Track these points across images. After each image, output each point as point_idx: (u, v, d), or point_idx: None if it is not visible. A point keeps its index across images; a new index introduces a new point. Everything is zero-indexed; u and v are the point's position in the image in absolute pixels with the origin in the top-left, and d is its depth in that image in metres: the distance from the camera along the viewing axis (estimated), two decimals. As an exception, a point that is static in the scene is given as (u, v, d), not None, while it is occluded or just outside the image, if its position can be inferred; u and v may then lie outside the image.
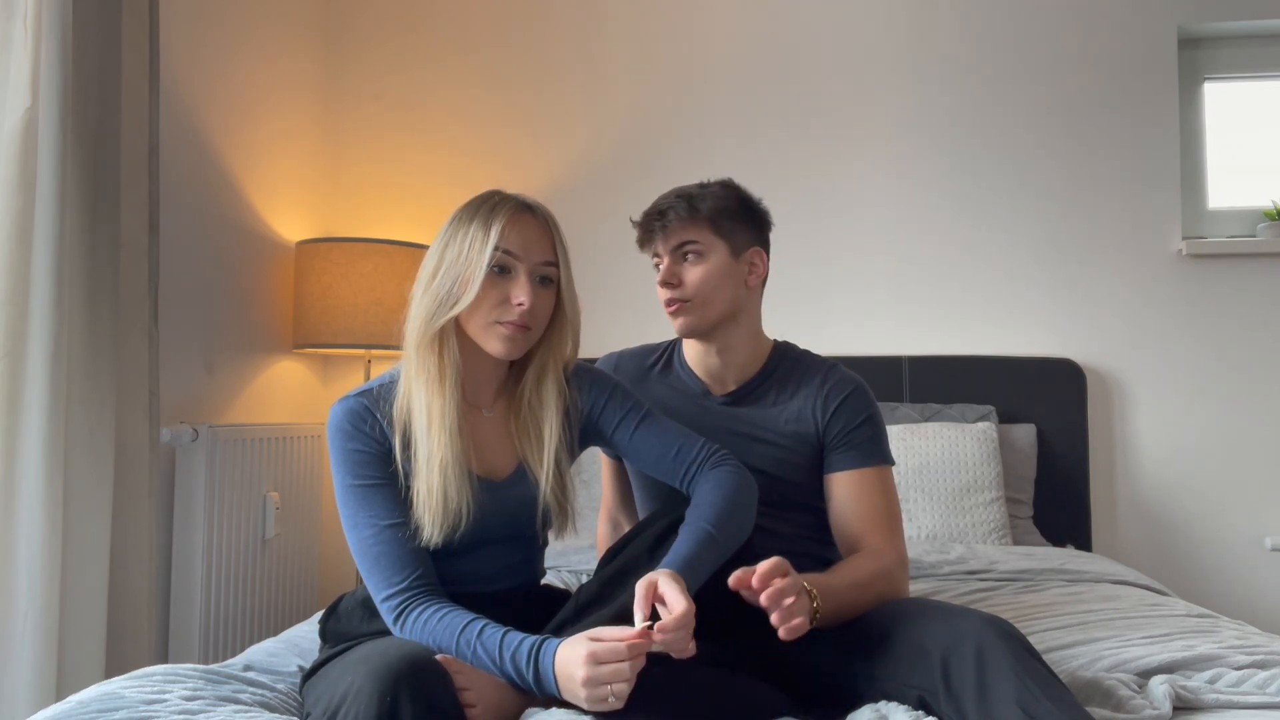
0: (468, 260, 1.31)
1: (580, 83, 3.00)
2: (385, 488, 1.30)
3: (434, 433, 1.29)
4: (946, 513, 2.42)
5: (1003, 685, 1.11)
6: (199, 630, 2.27)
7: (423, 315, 1.33)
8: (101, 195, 1.91)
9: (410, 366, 1.34)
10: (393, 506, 1.29)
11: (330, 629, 1.40)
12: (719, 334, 1.58)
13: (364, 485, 1.30)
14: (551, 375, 1.40)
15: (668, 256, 1.57)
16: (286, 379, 2.85)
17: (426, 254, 1.37)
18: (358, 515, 1.30)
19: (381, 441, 1.32)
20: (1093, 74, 2.83)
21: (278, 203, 2.81)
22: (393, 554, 1.27)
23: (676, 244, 1.56)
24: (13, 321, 1.76)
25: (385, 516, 1.29)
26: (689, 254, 1.56)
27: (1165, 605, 1.77)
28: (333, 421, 1.33)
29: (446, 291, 1.31)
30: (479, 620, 1.22)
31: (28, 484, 1.76)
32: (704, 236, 1.55)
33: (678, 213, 1.55)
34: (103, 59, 1.92)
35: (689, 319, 1.56)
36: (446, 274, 1.32)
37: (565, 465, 1.42)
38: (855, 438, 1.54)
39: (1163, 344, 2.77)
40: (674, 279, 1.55)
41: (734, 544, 1.34)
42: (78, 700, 1.20)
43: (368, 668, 1.09)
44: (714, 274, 1.55)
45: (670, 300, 1.56)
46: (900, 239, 2.87)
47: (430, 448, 1.29)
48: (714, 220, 1.56)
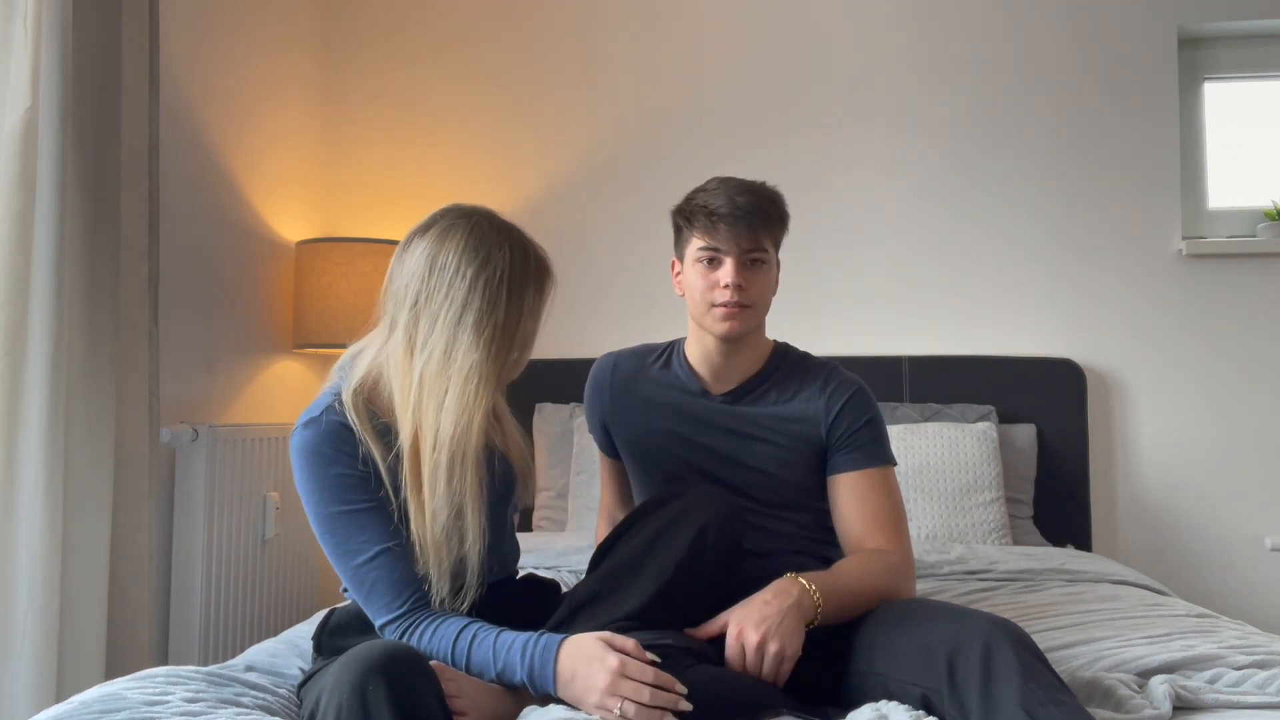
0: (524, 333, 1.28)
1: (580, 83, 3.00)
2: (374, 510, 1.24)
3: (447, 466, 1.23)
4: (946, 513, 2.42)
5: (1008, 687, 1.11)
6: (199, 630, 2.27)
7: (478, 359, 1.23)
8: (101, 195, 1.91)
9: (424, 390, 1.24)
10: (384, 529, 1.23)
11: (324, 643, 1.38)
12: (744, 337, 1.57)
13: (351, 510, 1.24)
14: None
15: (735, 258, 1.49)
16: (286, 379, 2.85)
17: (468, 278, 1.25)
18: (348, 543, 1.24)
19: (366, 462, 1.25)
20: (1093, 74, 2.83)
21: (278, 203, 2.81)
22: (389, 580, 1.23)
23: (752, 247, 1.50)
24: (13, 321, 1.76)
25: (379, 541, 1.23)
26: (756, 259, 1.51)
27: (1165, 605, 1.77)
28: (306, 446, 1.25)
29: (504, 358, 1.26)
30: (471, 625, 1.21)
31: (28, 484, 1.76)
32: (771, 244, 1.54)
33: (764, 216, 1.50)
34: (103, 59, 1.92)
35: (743, 325, 1.52)
36: (505, 337, 1.25)
37: (504, 409, 1.38)
38: (858, 439, 1.54)
39: (1163, 344, 2.77)
40: (745, 283, 1.50)
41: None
42: (80, 701, 1.20)
43: (347, 661, 1.09)
44: (773, 284, 1.57)
45: (735, 303, 1.49)
46: (900, 239, 2.86)
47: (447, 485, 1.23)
48: (782, 228, 1.55)
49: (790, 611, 1.28)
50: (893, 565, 1.44)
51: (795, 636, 1.26)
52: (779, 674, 1.26)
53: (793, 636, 1.26)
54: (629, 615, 1.27)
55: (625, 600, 1.28)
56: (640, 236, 2.80)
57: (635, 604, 1.28)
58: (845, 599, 1.34)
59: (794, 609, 1.28)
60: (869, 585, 1.38)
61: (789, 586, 1.31)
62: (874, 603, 1.37)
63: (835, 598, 1.32)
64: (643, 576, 1.29)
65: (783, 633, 1.25)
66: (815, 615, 1.30)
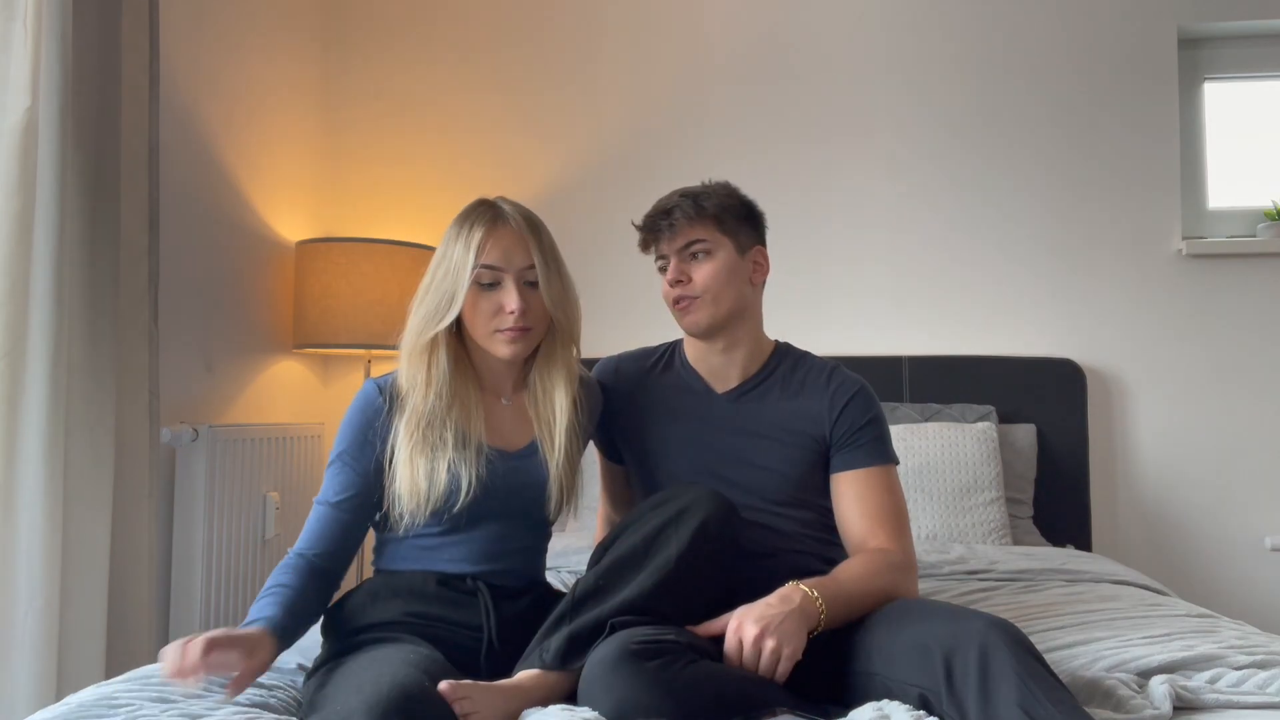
0: (454, 278, 1.41)
1: (580, 83, 3.00)
2: (351, 471, 1.41)
3: (412, 429, 1.40)
4: (946, 513, 2.42)
5: (1005, 687, 1.11)
6: (199, 630, 2.26)
7: (416, 326, 1.43)
8: (101, 195, 1.91)
9: (402, 375, 1.43)
10: (344, 488, 1.41)
11: (329, 626, 1.41)
12: (725, 332, 1.59)
13: (340, 458, 1.42)
14: (560, 361, 1.48)
15: (675, 256, 1.57)
16: (286, 379, 2.85)
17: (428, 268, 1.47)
18: (325, 483, 1.43)
19: (376, 438, 1.41)
20: (1093, 74, 2.83)
21: (278, 203, 2.81)
22: (318, 526, 1.40)
23: (684, 243, 1.56)
24: (13, 321, 1.76)
25: (335, 493, 1.41)
26: (697, 252, 1.56)
27: (1165, 605, 1.77)
28: (360, 393, 1.46)
29: (434, 307, 1.42)
30: (278, 587, 1.34)
31: (28, 484, 1.76)
32: (711, 234, 1.56)
33: (684, 211, 1.55)
34: (103, 59, 1.92)
35: (698, 316, 1.56)
36: (436, 290, 1.43)
37: (576, 448, 1.50)
38: (861, 438, 1.54)
39: (1163, 344, 2.77)
40: (683, 276, 1.55)
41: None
42: (77, 702, 1.20)
43: (361, 697, 1.09)
44: (722, 271, 1.56)
45: (680, 298, 1.56)
46: (901, 239, 2.87)
47: (410, 447, 1.39)
48: (720, 218, 1.57)
49: (793, 615, 1.28)
50: (895, 564, 1.44)
51: (794, 637, 1.26)
52: (777, 672, 1.26)
53: (791, 637, 1.26)
54: (631, 607, 1.27)
55: (627, 592, 1.29)
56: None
57: (637, 595, 1.29)
58: (849, 602, 1.35)
59: (796, 613, 1.29)
60: (872, 587, 1.39)
61: (791, 594, 1.32)
62: (878, 603, 1.37)
63: (839, 603, 1.33)
64: (645, 569, 1.31)
65: (782, 632, 1.26)
66: (819, 622, 1.31)
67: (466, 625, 1.38)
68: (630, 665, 1.17)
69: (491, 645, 1.37)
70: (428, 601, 1.37)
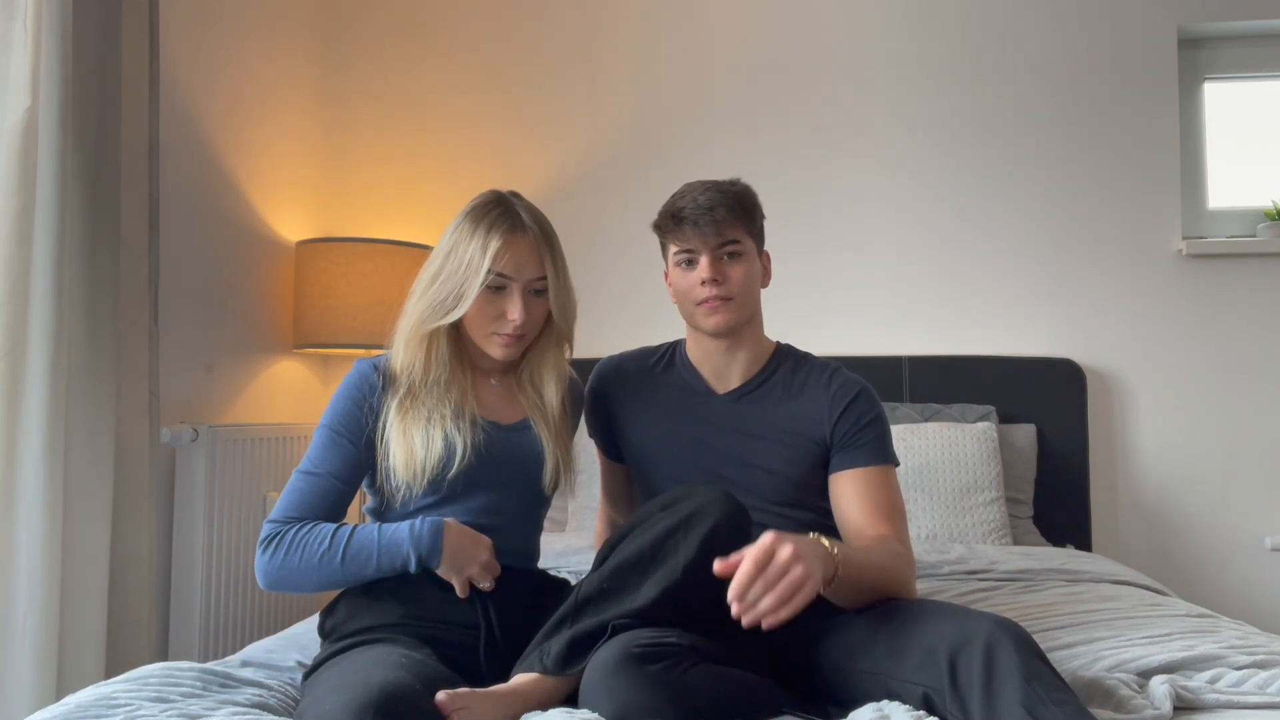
0: (464, 277, 1.41)
1: (580, 82, 3.00)
2: (342, 448, 1.41)
3: (406, 406, 1.42)
4: (946, 513, 2.42)
5: (1009, 687, 1.11)
6: (199, 630, 2.27)
7: (417, 315, 1.44)
8: (101, 195, 1.91)
9: (397, 358, 1.45)
10: (336, 464, 1.41)
11: (327, 625, 1.40)
12: (739, 333, 1.59)
13: (329, 435, 1.42)
14: (551, 359, 1.52)
15: (709, 254, 1.53)
16: (286, 379, 2.85)
17: (431, 254, 1.46)
18: (311, 453, 1.43)
19: (369, 414, 1.43)
20: (1093, 74, 2.83)
21: (278, 203, 2.81)
22: (305, 497, 1.39)
23: (722, 242, 1.53)
24: (13, 321, 1.76)
25: (323, 466, 1.40)
26: (731, 253, 1.54)
27: (1165, 605, 1.77)
28: (353, 370, 1.47)
29: (441, 300, 1.42)
30: (350, 524, 1.36)
31: (28, 484, 1.76)
32: (743, 235, 1.56)
33: (729, 210, 1.53)
34: (103, 59, 1.92)
35: (729, 317, 1.54)
36: (444, 284, 1.42)
37: (567, 430, 1.54)
38: (862, 438, 1.54)
39: (1163, 344, 2.77)
40: (720, 276, 1.53)
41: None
42: (76, 702, 1.20)
43: (345, 696, 1.08)
44: (752, 273, 1.57)
45: (714, 298, 1.53)
46: (900, 238, 2.86)
47: (404, 421, 1.41)
48: (751, 220, 1.57)
49: (821, 558, 1.23)
50: (898, 552, 1.43)
51: (815, 579, 1.19)
52: (783, 612, 1.17)
53: (814, 578, 1.19)
54: (635, 613, 1.26)
55: (632, 598, 1.28)
56: (641, 238, 2.74)
57: (642, 602, 1.27)
58: (859, 571, 1.30)
59: (825, 557, 1.24)
60: (879, 563, 1.36)
61: (817, 542, 1.25)
62: (881, 584, 1.35)
63: (852, 566, 1.28)
64: (651, 575, 1.29)
65: (810, 567, 1.19)
66: (834, 576, 1.25)
67: (464, 624, 1.37)
68: (632, 669, 1.16)
69: (492, 637, 1.36)
70: (425, 602, 1.37)
